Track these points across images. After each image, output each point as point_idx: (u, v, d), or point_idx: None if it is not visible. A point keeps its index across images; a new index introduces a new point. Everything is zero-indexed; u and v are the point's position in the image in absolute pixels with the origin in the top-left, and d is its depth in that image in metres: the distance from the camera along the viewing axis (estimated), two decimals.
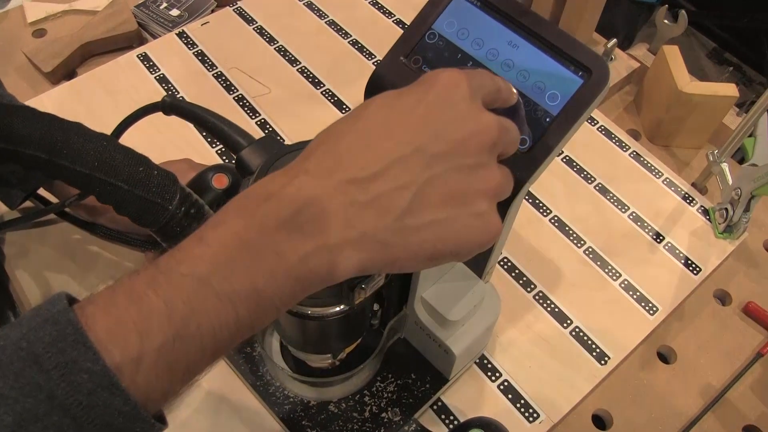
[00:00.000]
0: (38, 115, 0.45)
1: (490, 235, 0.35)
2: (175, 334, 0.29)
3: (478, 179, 0.34)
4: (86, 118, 0.80)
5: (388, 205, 0.32)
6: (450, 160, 0.33)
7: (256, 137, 0.46)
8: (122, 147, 0.46)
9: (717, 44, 2.42)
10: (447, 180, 0.33)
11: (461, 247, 0.34)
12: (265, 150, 0.45)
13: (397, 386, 0.60)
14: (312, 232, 0.31)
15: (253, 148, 0.45)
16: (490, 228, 0.35)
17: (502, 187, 0.36)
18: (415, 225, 0.32)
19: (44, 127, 0.43)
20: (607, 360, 0.66)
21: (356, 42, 0.91)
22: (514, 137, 0.38)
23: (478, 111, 0.35)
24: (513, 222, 0.49)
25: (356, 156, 0.32)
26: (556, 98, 0.44)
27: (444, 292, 0.54)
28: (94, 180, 0.44)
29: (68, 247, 0.70)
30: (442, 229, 0.33)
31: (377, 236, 0.32)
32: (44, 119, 0.44)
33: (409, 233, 0.32)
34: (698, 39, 2.43)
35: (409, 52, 0.49)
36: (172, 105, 0.48)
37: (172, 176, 0.47)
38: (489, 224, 0.35)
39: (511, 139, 0.37)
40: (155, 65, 0.86)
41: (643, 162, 0.82)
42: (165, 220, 0.46)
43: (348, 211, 0.31)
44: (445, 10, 0.48)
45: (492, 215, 0.35)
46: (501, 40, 0.46)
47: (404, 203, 0.32)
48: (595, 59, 0.43)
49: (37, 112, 0.46)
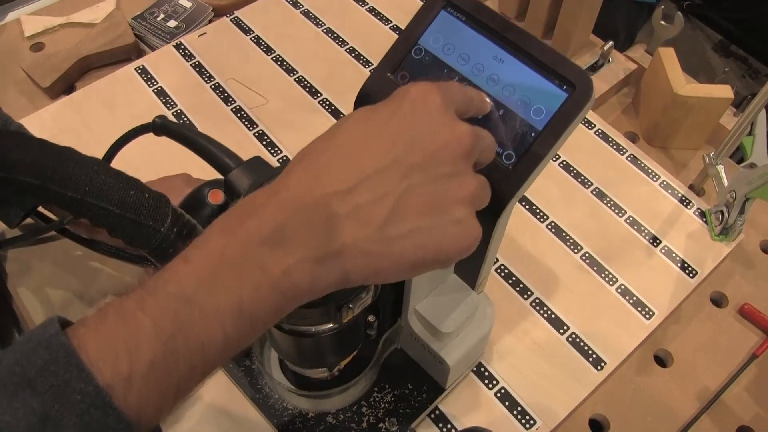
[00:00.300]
0: (29, 142, 0.46)
1: (470, 241, 0.36)
2: (164, 352, 0.30)
3: (454, 187, 0.35)
4: (85, 132, 0.82)
5: (367, 216, 0.33)
6: (426, 170, 0.34)
7: (253, 150, 0.47)
8: (113, 171, 0.47)
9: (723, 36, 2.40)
10: (424, 189, 0.34)
11: (442, 254, 0.35)
12: (253, 172, 0.46)
13: (394, 396, 0.60)
14: (294, 246, 0.32)
15: (241, 170, 0.46)
16: (469, 234, 0.36)
17: (479, 195, 0.37)
18: (395, 234, 0.33)
19: (35, 153, 0.44)
20: (603, 366, 0.67)
21: (353, 50, 0.91)
22: (489, 144, 0.39)
23: (451, 121, 0.36)
24: (503, 235, 0.49)
25: (334, 170, 0.33)
26: (541, 113, 0.44)
27: (437, 304, 0.54)
28: (86, 204, 0.45)
29: (69, 262, 0.71)
30: (422, 237, 0.34)
31: (359, 247, 0.32)
32: (35, 145, 0.45)
33: (390, 243, 0.33)
34: (703, 31, 2.41)
35: (396, 68, 0.49)
36: (162, 126, 0.49)
37: (163, 198, 0.48)
38: (468, 230, 0.36)
39: (486, 147, 0.38)
40: (153, 78, 0.87)
41: (640, 165, 0.82)
42: (157, 242, 0.47)
43: (329, 223, 0.32)
44: (431, 25, 0.49)
45: (471, 221, 0.36)
46: (486, 55, 0.47)
47: (384, 214, 0.33)
48: (578, 73, 0.43)
49: (29, 137, 0.46)
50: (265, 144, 0.81)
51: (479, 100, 0.40)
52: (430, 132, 0.35)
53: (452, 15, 0.48)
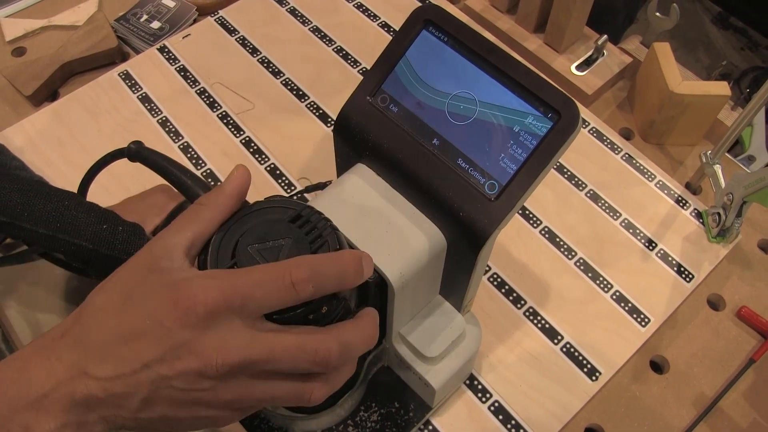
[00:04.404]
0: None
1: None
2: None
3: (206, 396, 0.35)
4: (69, 142, 0.81)
5: (122, 401, 0.34)
6: (176, 387, 0.35)
7: (240, 159, 0.45)
8: (85, 205, 0.45)
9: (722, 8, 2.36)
10: (171, 396, 0.35)
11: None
12: None
13: (380, 415, 0.60)
14: (57, 412, 0.34)
15: None
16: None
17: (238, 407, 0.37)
18: (146, 419, 0.35)
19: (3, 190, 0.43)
20: (598, 376, 0.66)
21: (341, 49, 0.89)
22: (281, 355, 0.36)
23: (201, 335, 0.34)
24: (486, 261, 0.48)
25: (101, 354, 0.34)
26: (526, 141, 0.43)
27: (422, 327, 0.53)
28: (58, 241, 0.44)
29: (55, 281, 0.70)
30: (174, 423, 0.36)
31: (116, 422, 0.35)
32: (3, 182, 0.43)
33: (143, 425, 0.36)
34: (703, 4, 2.37)
35: (376, 90, 0.48)
36: (137, 153, 0.47)
37: (138, 230, 0.47)
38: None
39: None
40: (137, 84, 0.85)
41: (636, 164, 0.80)
42: None
43: (90, 400, 0.34)
44: (412, 45, 0.47)
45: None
46: (469, 79, 0.45)
47: (133, 406, 0.35)
48: (564, 102, 0.42)
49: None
50: (252, 152, 0.79)
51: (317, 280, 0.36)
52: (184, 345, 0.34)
53: (433, 35, 0.46)
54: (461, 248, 0.45)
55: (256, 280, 0.34)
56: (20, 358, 0.35)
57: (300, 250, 0.38)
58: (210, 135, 0.81)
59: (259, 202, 0.41)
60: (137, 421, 0.35)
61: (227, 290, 0.33)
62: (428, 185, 0.44)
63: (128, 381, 0.34)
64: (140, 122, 0.82)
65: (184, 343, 0.33)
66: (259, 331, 0.34)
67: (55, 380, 0.34)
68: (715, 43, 2.22)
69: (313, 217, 0.39)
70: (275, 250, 0.38)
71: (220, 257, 0.38)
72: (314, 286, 0.35)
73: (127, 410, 0.35)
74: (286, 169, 0.78)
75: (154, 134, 0.81)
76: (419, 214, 0.46)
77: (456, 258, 0.47)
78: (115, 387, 0.34)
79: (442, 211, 0.44)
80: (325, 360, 0.35)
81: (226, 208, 0.39)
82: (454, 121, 0.45)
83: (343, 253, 0.37)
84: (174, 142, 0.80)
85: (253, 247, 0.38)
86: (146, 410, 0.35)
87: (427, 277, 0.49)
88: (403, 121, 0.46)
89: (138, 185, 0.75)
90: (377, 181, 0.48)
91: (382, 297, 0.47)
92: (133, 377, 0.34)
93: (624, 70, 0.89)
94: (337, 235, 0.40)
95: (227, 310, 0.33)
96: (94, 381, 0.34)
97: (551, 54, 0.90)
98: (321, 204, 0.46)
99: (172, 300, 0.33)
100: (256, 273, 0.34)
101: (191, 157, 0.79)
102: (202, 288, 0.33)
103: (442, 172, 0.44)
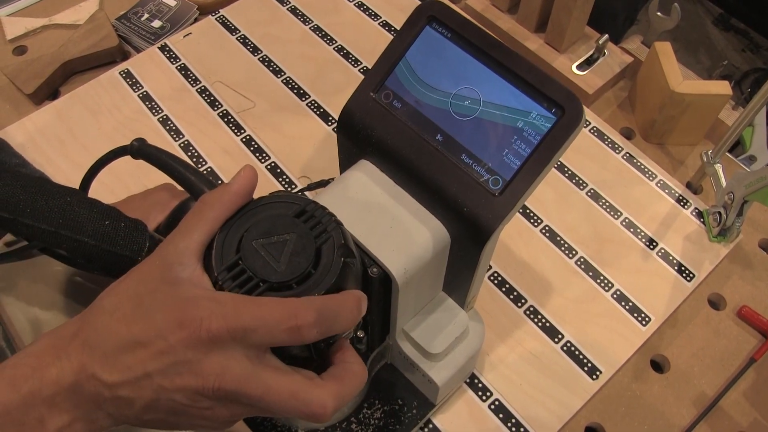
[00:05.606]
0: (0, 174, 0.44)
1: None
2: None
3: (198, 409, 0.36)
4: (70, 140, 0.80)
5: (126, 403, 0.36)
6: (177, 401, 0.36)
7: (241, 158, 0.45)
8: (87, 201, 0.45)
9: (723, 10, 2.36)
10: (171, 406, 0.36)
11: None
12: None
13: (383, 413, 0.60)
14: (69, 408, 0.36)
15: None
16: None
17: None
18: (149, 419, 0.37)
19: (6, 186, 0.43)
20: (598, 375, 0.66)
21: (341, 48, 0.89)
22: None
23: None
24: (491, 257, 0.48)
25: (108, 359, 0.35)
26: (530, 136, 0.43)
27: (425, 323, 0.53)
28: (60, 237, 0.44)
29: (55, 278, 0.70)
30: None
31: (122, 419, 0.37)
32: (6, 179, 0.43)
33: (147, 423, 0.37)
34: (704, 5, 2.38)
35: (379, 86, 0.48)
36: (140, 150, 0.47)
37: (140, 226, 0.46)
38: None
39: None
40: (138, 82, 0.85)
41: (636, 164, 0.80)
42: None
43: (97, 398, 0.36)
44: (415, 42, 0.47)
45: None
46: (472, 75, 0.45)
47: (137, 409, 0.36)
48: (567, 96, 0.42)
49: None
50: (253, 150, 0.79)
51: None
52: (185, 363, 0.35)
53: (437, 31, 0.46)
54: (465, 244, 0.45)
55: (262, 317, 0.34)
56: (33, 355, 0.36)
57: (304, 245, 0.38)
58: (211, 133, 0.81)
59: (263, 197, 0.41)
60: (141, 420, 0.37)
61: (232, 321, 0.34)
62: (432, 181, 0.44)
63: (132, 387, 0.35)
64: (141, 121, 0.82)
65: (186, 361, 0.34)
66: (259, 364, 0.35)
67: (66, 380, 0.35)
68: (716, 44, 2.22)
69: (317, 213, 0.39)
70: (280, 245, 0.38)
71: (225, 252, 0.38)
72: (319, 332, 0.35)
73: (131, 411, 0.36)
74: (287, 167, 0.78)
75: (155, 133, 0.81)
76: (423, 209, 0.46)
77: (460, 254, 0.47)
78: (120, 391, 0.35)
79: (446, 207, 0.44)
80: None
81: (232, 207, 0.39)
82: (458, 117, 0.45)
83: (347, 297, 0.37)
84: (175, 141, 0.80)
85: (257, 242, 0.38)
86: (149, 413, 0.36)
87: (431, 273, 0.49)
88: (407, 117, 0.46)
89: (139, 183, 0.75)
90: (381, 177, 0.48)
91: (386, 293, 0.46)
92: (136, 384, 0.35)
93: (625, 69, 0.90)
94: (341, 231, 0.40)
95: (230, 340, 0.34)
96: (101, 383, 0.35)
97: (552, 53, 0.90)
98: (325, 200, 0.46)
99: (178, 320, 0.34)
100: (264, 308, 0.34)
101: (192, 155, 0.79)
102: (208, 313, 0.34)
103: (446, 167, 0.44)
